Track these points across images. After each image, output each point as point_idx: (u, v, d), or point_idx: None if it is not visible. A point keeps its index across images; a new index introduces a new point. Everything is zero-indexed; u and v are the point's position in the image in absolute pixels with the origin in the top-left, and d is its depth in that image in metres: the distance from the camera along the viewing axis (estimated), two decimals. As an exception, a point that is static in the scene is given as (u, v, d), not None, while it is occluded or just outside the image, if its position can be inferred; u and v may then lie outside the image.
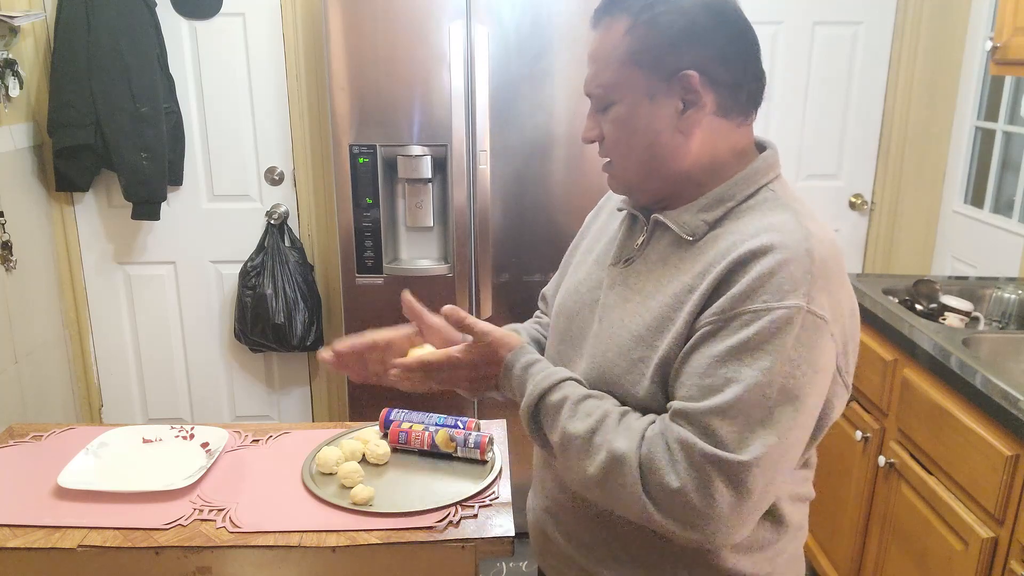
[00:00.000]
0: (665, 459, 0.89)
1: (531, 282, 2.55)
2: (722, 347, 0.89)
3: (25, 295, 2.60)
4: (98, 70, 2.54)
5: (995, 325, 2.15)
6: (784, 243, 0.90)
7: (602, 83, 0.99)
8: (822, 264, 0.91)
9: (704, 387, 0.89)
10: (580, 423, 0.96)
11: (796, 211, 0.96)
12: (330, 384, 3.12)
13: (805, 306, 0.88)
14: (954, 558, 1.67)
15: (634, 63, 0.96)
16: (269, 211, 2.89)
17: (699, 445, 0.87)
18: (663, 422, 0.92)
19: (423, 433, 1.49)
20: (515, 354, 1.08)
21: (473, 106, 2.38)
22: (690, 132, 0.97)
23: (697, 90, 0.95)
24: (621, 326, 1.01)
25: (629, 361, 0.98)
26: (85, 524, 1.30)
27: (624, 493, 0.91)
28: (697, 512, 0.87)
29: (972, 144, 2.92)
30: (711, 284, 0.92)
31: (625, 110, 0.98)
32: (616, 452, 0.92)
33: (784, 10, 2.95)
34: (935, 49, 2.95)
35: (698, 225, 0.98)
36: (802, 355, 0.88)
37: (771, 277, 0.88)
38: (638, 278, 1.03)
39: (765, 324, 0.87)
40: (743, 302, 0.89)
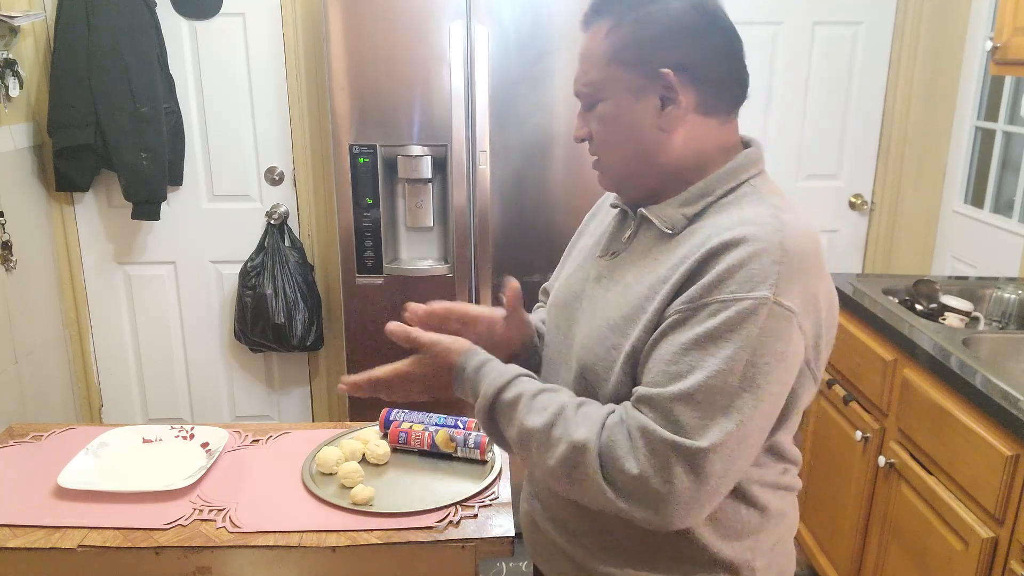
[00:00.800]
0: (625, 446, 0.91)
1: (531, 282, 2.54)
2: (688, 335, 0.91)
3: (25, 295, 2.60)
4: (98, 70, 2.54)
5: (995, 325, 2.15)
6: (756, 235, 0.92)
7: (588, 82, 1.03)
8: (795, 257, 0.92)
9: (669, 373, 0.91)
10: (537, 417, 0.98)
11: (774, 204, 0.98)
12: (330, 384, 3.12)
13: (772, 298, 0.89)
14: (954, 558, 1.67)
15: (617, 62, 0.99)
16: (269, 211, 2.89)
17: (659, 432, 0.89)
18: (624, 409, 0.95)
19: (423, 433, 1.50)
20: (465, 357, 1.08)
21: (473, 106, 2.38)
22: (671, 129, 1.00)
23: (675, 88, 0.98)
24: (602, 316, 1.04)
25: (604, 349, 1.01)
26: (85, 524, 1.31)
27: (586, 481, 0.93)
28: (657, 496, 0.89)
29: (972, 144, 2.92)
30: (683, 275, 0.94)
31: (610, 108, 1.01)
32: (576, 442, 0.93)
33: (784, 10, 2.95)
34: (935, 49, 2.95)
35: (678, 219, 1.01)
36: (766, 345, 0.90)
37: (740, 268, 0.90)
38: (621, 269, 1.06)
39: (731, 314, 0.89)
40: (711, 292, 0.91)
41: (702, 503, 0.91)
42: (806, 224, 0.97)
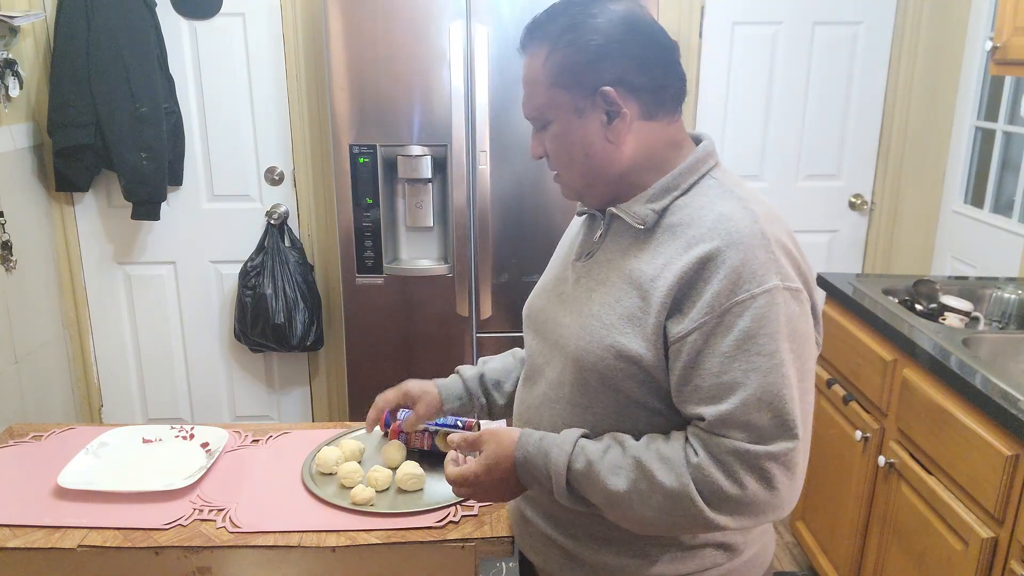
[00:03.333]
0: (721, 475, 0.95)
1: (531, 282, 2.54)
2: (726, 343, 0.95)
3: (25, 295, 2.60)
4: (98, 70, 2.54)
5: (995, 325, 2.15)
6: (740, 232, 0.98)
7: (535, 106, 1.08)
8: (776, 239, 1.00)
9: (725, 385, 0.95)
10: (618, 479, 1.00)
11: (740, 197, 1.04)
12: (330, 384, 3.12)
13: (781, 283, 0.97)
14: (954, 558, 1.67)
15: (558, 85, 1.04)
16: (269, 211, 2.89)
17: (750, 449, 0.95)
18: (703, 439, 0.98)
19: (423, 435, 1.49)
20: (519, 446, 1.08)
21: (473, 106, 2.38)
22: (619, 140, 1.05)
23: (617, 102, 1.03)
24: (590, 316, 1.07)
25: (603, 348, 1.04)
26: (85, 524, 1.31)
27: (692, 520, 0.98)
28: (765, 503, 0.96)
29: (972, 144, 2.91)
30: (676, 279, 0.98)
31: (559, 128, 1.07)
32: (670, 491, 0.97)
33: (784, 10, 2.95)
34: (935, 49, 2.95)
35: (647, 214, 1.05)
36: (796, 327, 0.97)
37: (744, 267, 0.96)
38: (600, 268, 1.10)
39: (756, 311, 0.95)
40: (727, 297, 0.96)
41: (798, 490, 0.98)
42: (769, 210, 1.04)
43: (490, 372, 1.37)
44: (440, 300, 2.55)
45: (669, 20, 2.92)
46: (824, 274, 2.37)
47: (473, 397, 1.35)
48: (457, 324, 2.56)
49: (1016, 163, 2.68)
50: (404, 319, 2.57)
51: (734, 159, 3.09)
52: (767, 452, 0.94)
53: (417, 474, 1.38)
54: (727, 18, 2.96)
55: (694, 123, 3.05)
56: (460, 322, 2.56)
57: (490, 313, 2.55)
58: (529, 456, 1.07)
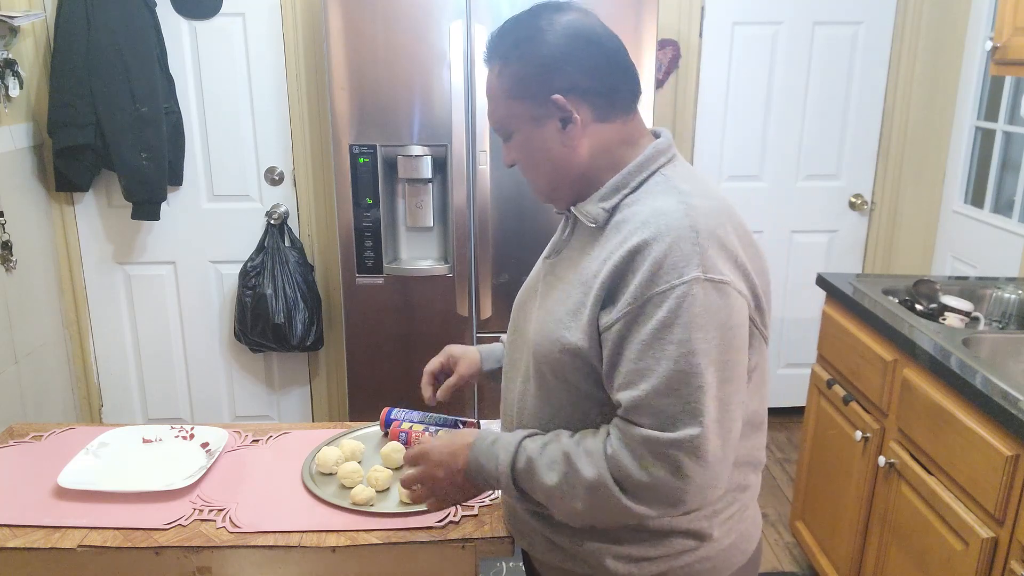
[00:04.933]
0: (633, 463, 0.99)
1: (531, 282, 2.55)
2: (643, 332, 0.99)
3: (25, 295, 2.60)
4: (98, 70, 2.54)
5: (995, 325, 2.15)
6: (669, 225, 1.01)
7: (497, 119, 1.14)
8: (709, 234, 1.01)
9: (638, 371, 0.99)
10: (551, 473, 1.05)
11: (681, 191, 1.06)
12: (330, 384, 3.12)
13: (702, 276, 0.98)
14: (954, 558, 1.67)
15: (513, 97, 1.10)
16: (269, 211, 2.89)
17: (655, 436, 0.98)
18: (617, 428, 1.02)
19: (423, 434, 1.49)
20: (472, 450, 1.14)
21: (473, 106, 2.38)
22: (575, 143, 1.09)
23: (568, 108, 1.07)
24: (548, 312, 1.12)
25: (550, 342, 1.09)
26: (85, 524, 1.31)
27: (614, 510, 1.02)
28: (677, 491, 0.99)
29: (972, 144, 2.92)
30: (609, 272, 1.02)
31: (520, 137, 1.12)
32: (590, 482, 1.02)
33: (784, 10, 2.95)
34: (935, 49, 2.95)
35: (599, 213, 1.09)
36: (713, 318, 0.99)
37: (665, 259, 0.99)
38: (563, 267, 1.15)
39: (672, 302, 0.98)
40: (649, 288, 0.99)
41: (716, 479, 1.00)
42: (713, 203, 1.06)
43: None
44: (440, 300, 2.55)
45: (669, 20, 2.93)
46: (824, 274, 2.37)
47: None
48: (457, 324, 2.56)
49: (1016, 163, 2.68)
50: (404, 319, 2.57)
51: (734, 159, 3.09)
52: (671, 440, 0.97)
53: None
54: (727, 18, 2.96)
55: (694, 123, 3.05)
56: (460, 322, 2.56)
57: (490, 313, 2.55)
58: (480, 459, 1.12)
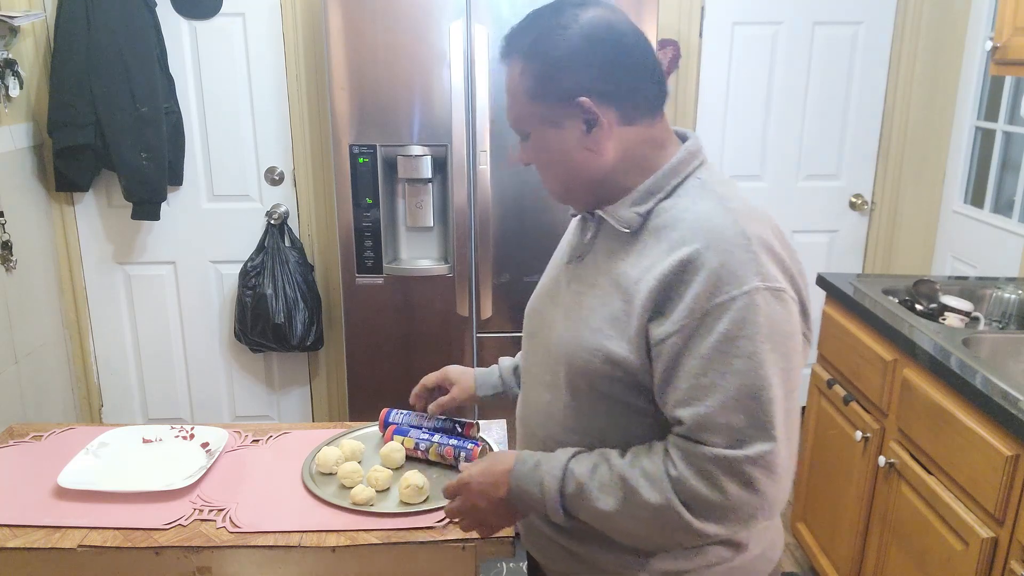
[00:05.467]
0: (703, 485, 0.96)
1: (531, 283, 2.54)
2: (705, 346, 0.95)
3: (25, 295, 2.60)
4: (98, 70, 2.54)
5: (995, 325, 2.15)
6: (721, 233, 0.98)
7: (514, 117, 1.10)
8: (758, 238, 0.99)
9: (701, 387, 0.96)
10: (608, 498, 1.02)
11: (721, 196, 1.03)
12: (330, 384, 3.12)
13: (762, 284, 0.96)
14: (954, 558, 1.67)
15: (532, 98, 1.06)
16: (269, 211, 2.89)
17: (728, 454, 0.95)
18: (682, 448, 0.98)
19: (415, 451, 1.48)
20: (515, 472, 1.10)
21: (473, 106, 2.38)
22: (599, 148, 1.05)
23: (593, 111, 1.03)
24: (579, 320, 1.08)
25: (588, 352, 1.05)
26: (85, 524, 1.31)
27: (682, 532, 0.99)
28: (752, 507, 0.97)
29: (972, 144, 2.92)
30: (657, 282, 0.98)
31: (538, 139, 1.08)
32: (656, 507, 0.98)
33: (784, 10, 2.95)
34: (935, 49, 2.95)
35: (632, 218, 1.05)
36: (775, 328, 0.96)
37: (722, 269, 0.95)
38: (590, 273, 1.10)
39: (735, 313, 0.94)
40: (707, 299, 0.95)
41: (786, 491, 0.98)
42: (752, 207, 1.04)
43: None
44: (440, 300, 2.55)
45: (669, 20, 2.93)
46: (824, 274, 2.37)
47: (507, 386, 1.43)
48: (457, 324, 2.56)
49: (1016, 163, 2.68)
50: (404, 319, 2.57)
51: (734, 159, 3.09)
52: (745, 456, 0.94)
53: (419, 485, 1.35)
54: (727, 18, 2.96)
55: (694, 123, 3.05)
56: (460, 322, 2.56)
57: (490, 313, 2.55)
58: (524, 485, 1.08)
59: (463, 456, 1.45)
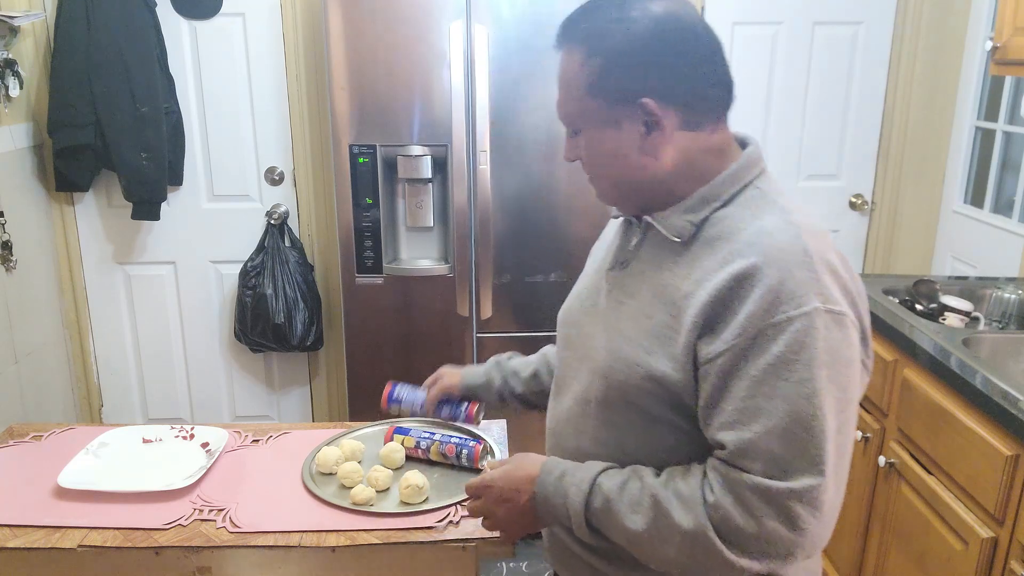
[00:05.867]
0: (739, 513, 0.90)
1: (532, 283, 2.55)
2: (756, 367, 0.89)
3: (25, 295, 2.60)
4: (98, 70, 2.54)
5: (995, 325, 2.15)
6: (781, 248, 0.91)
7: (568, 112, 1.03)
8: (821, 257, 0.92)
9: (747, 411, 0.89)
10: (636, 517, 0.96)
11: (783, 208, 0.97)
12: (330, 384, 3.12)
13: (822, 306, 0.89)
14: (954, 558, 1.67)
15: (592, 94, 0.98)
16: (269, 211, 2.89)
17: (770, 485, 0.88)
18: (722, 473, 0.92)
19: (415, 450, 1.49)
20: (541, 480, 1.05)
21: (473, 106, 2.38)
22: (657, 152, 0.99)
23: (656, 114, 0.96)
24: (621, 332, 1.01)
25: (628, 366, 0.99)
26: (85, 524, 1.31)
27: (713, 561, 0.92)
28: (790, 544, 0.90)
29: (972, 144, 2.91)
30: (709, 296, 0.92)
31: (592, 137, 1.01)
32: (687, 532, 0.92)
33: (784, 10, 2.95)
34: (935, 49, 2.95)
35: (684, 226, 0.99)
36: (834, 355, 0.89)
37: (781, 287, 0.88)
38: (632, 281, 1.04)
39: (791, 335, 0.87)
40: (762, 318, 0.89)
41: (829, 529, 0.92)
42: (814, 222, 0.97)
43: (512, 362, 1.43)
44: (440, 300, 2.55)
45: (669, 20, 2.92)
46: (824, 274, 2.36)
47: (489, 378, 1.42)
48: (457, 324, 2.56)
49: (1016, 163, 2.67)
50: (404, 319, 2.57)
51: (734, 159, 3.09)
52: (789, 490, 0.87)
53: (419, 485, 1.35)
54: (727, 18, 2.95)
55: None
56: (460, 322, 2.56)
57: (490, 313, 2.55)
58: (548, 495, 1.03)
59: (465, 455, 1.45)
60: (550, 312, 2.70)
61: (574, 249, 2.52)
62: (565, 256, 2.53)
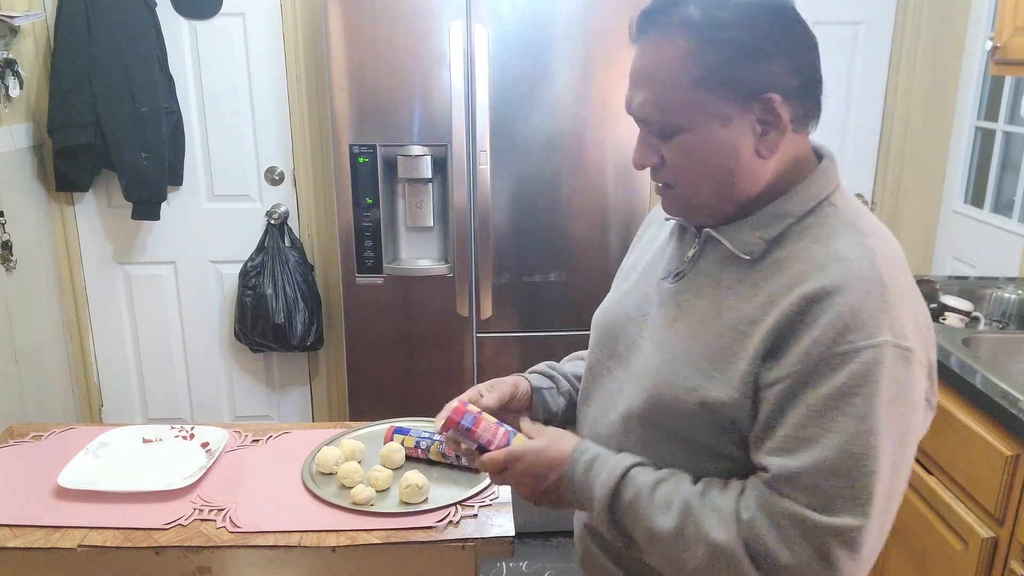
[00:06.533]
0: (773, 537, 0.85)
1: (531, 282, 2.55)
2: (813, 396, 0.84)
3: (25, 295, 2.60)
4: (98, 70, 2.54)
5: (995, 325, 2.15)
6: (855, 273, 0.85)
7: (665, 108, 0.89)
8: (894, 285, 0.87)
9: (800, 439, 0.84)
10: (664, 518, 0.91)
11: (860, 229, 0.91)
12: (330, 384, 3.12)
13: (892, 340, 0.83)
14: (954, 558, 1.67)
15: (703, 87, 0.87)
16: (269, 211, 2.89)
17: (812, 518, 0.83)
18: (762, 494, 0.87)
19: (415, 450, 1.49)
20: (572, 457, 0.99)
21: (473, 106, 2.38)
22: (771, 154, 0.90)
23: (777, 111, 0.88)
24: (672, 350, 0.95)
25: (682, 389, 0.93)
26: (85, 524, 1.31)
27: None
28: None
29: (972, 144, 2.91)
30: (777, 320, 0.86)
31: (696, 137, 0.89)
32: (716, 544, 0.87)
33: (784, 10, 2.95)
34: (935, 49, 2.94)
35: (755, 243, 0.92)
36: (897, 394, 0.84)
37: (852, 316, 0.83)
38: (687, 296, 0.97)
39: (856, 367, 0.83)
40: (828, 346, 0.84)
41: (864, 572, 0.88)
42: (891, 243, 0.92)
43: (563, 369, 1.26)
44: (440, 300, 2.55)
45: (669, 20, 2.92)
46: (824, 274, 2.36)
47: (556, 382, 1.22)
48: (457, 324, 2.56)
49: (1016, 163, 2.67)
50: (404, 319, 2.57)
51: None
52: (830, 526, 0.82)
53: (419, 485, 1.36)
54: (727, 18, 2.95)
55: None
56: (460, 322, 2.56)
57: (490, 313, 2.55)
58: (575, 476, 0.97)
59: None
60: (550, 312, 2.70)
61: (574, 249, 2.52)
62: (565, 256, 2.53)
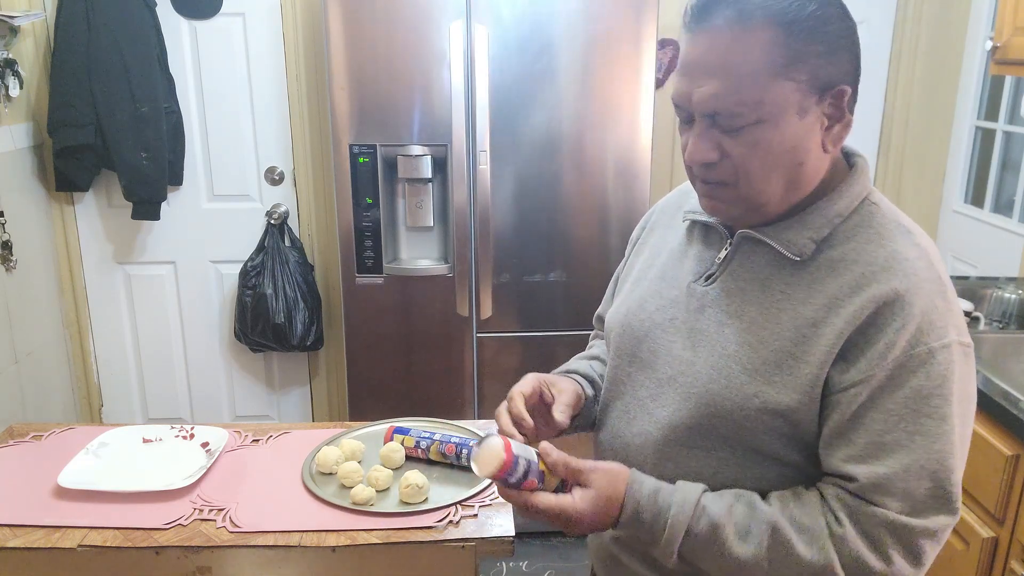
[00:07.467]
0: (869, 550, 0.85)
1: (531, 282, 2.55)
2: (894, 400, 0.85)
3: (25, 295, 2.60)
4: (98, 70, 2.54)
5: (995, 325, 2.15)
6: (918, 275, 0.86)
7: (742, 99, 0.85)
8: (948, 283, 0.89)
9: (884, 445, 0.85)
10: (746, 545, 0.88)
11: (907, 228, 0.91)
12: (330, 384, 3.12)
13: (958, 339, 0.86)
14: (954, 558, 1.67)
15: (789, 77, 0.84)
16: (269, 211, 2.89)
17: (908, 523, 0.84)
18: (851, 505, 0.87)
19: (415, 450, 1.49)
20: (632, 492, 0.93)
21: (473, 106, 2.38)
22: (836, 148, 0.90)
23: (844, 105, 0.88)
24: (725, 355, 0.93)
25: (743, 396, 0.91)
26: (85, 524, 1.31)
27: None
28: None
29: (972, 144, 2.92)
30: (849, 324, 0.86)
31: (770, 129, 0.86)
32: (811, 564, 0.86)
33: (784, 10, 2.95)
34: (935, 49, 2.94)
35: (805, 244, 0.91)
36: (965, 390, 0.87)
37: (924, 317, 0.84)
38: (733, 299, 0.95)
39: (933, 368, 0.84)
40: (904, 349, 0.84)
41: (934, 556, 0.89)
42: (931, 241, 0.93)
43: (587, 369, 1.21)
44: (440, 300, 2.55)
45: (669, 20, 2.92)
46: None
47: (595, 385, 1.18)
48: (457, 324, 2.56)
49: (1016, 163, 2.67)
50: (404, 319, 2.57)
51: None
52: (923, 527, 0.84)
53: (419, 485, 1.35)
54: (727, 18, 2.95)
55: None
56: (460, 322, 2.56)
57: (490, 313, 2.55)
58: (640, 509, 0.91)
59: (465, 454, 1.45)
60: (550, 312, 2.70)
61: (574, 249, 2.52)
62: (565, 256, 2.53)
